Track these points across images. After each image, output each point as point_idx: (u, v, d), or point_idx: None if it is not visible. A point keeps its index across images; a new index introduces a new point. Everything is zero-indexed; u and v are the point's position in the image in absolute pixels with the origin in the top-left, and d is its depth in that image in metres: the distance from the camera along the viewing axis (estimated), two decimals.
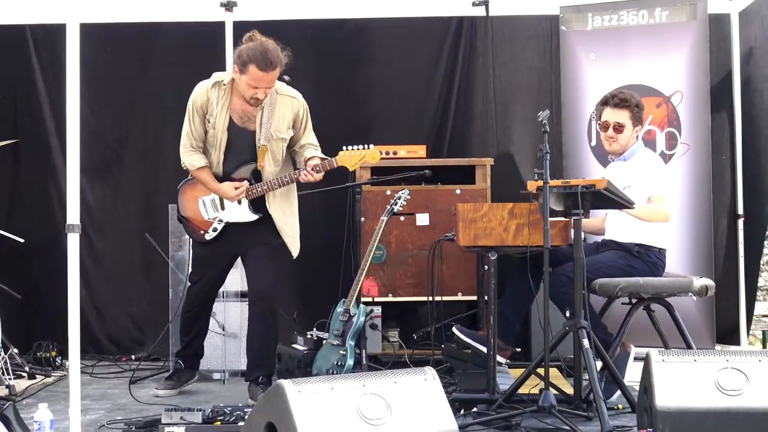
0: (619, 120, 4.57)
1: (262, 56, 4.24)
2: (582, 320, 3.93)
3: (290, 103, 4.49)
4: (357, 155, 4.46)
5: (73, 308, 3.43)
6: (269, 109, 4.41)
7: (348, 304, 4.76)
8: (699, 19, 5.58)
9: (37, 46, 6.06)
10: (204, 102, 4.46)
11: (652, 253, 4.47)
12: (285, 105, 4.47)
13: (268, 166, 4.47)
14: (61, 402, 4.13)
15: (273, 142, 4.45)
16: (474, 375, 4.37)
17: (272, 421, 2.83)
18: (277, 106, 4.44)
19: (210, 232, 4.60)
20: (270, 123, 4.41)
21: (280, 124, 4.46)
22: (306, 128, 4.56)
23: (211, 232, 4.59)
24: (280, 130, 4.46)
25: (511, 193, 4.50)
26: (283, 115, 4.46)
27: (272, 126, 4.42)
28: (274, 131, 4.44)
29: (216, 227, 4.58)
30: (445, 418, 2.98)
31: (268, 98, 4.40)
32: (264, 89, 4.32)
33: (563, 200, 3.98)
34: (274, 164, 4.49)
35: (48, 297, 5.98)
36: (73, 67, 3.46)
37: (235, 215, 4.55)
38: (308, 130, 4.58)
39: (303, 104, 4.54)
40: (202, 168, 4.51)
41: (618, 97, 4.58)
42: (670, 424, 3.24)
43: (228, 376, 5.20)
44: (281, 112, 4.46)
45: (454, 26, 6.09)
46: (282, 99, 4.47)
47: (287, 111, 4.48)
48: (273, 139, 4.45)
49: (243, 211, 4.53)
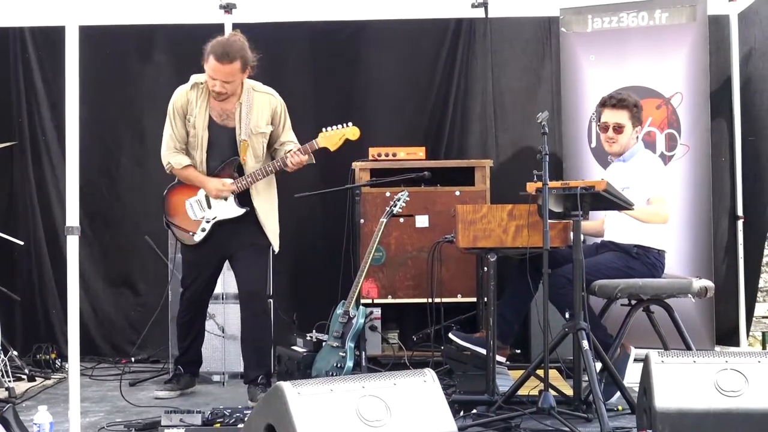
0: (618, 121, 4.57)
1: (222, 48, 4.34)
2: (581, 322, 3.93)
3: (267, 99, 4.59)
4: (337, 134, 4.55)
5: (72, 310, 3.43)
6: (247, 105, 4.51)
7: (347, 305, 4.76)
8: (699, 20, 5.58)
9: (37, 49, 6.06)
10: (184, 103, 4.56)
11: (651, 254, 4.47)
12: (262, 101, 4.57)
13: (249, 161, 4.55)
14: (60, 404, 4.14)
15: (253, 137, 4.54)
16: (473, 377, 4.37)
17: (272, 422, 2.83)
18: (254, 102, 4.54)
19: (199, 233, 4.63)
20: (249, 118, 4.51)
21: (259, 120, 4.55)
22: (285, 126, 4.65)
23: (199, 233, 4.62)
24: (260, 125, 4.55)
25: (510, 195, 4.50)
26: (260, 110, 4.55)
27: (251, 121, 4.52)
28: (253, 126, 4.53)
29: (204, 227, 4.61)
30: (444, 420, 2.98)
31: (245, 95, 4.50)
32: (221, 82, 4.38)
33: (562, 202, 3.99)
34: (255, 159, 4.57)
35: (47, 299, 5.98)
36: (73, 69, 3.46)
37: (223, 211, 4.59)
38: (287, 128, 4.66)
39: (280, 101, 4.63)
40: (187, 166, 4.58)
41: (616, 98, 4.59)
42: (670, 425, 3.23)
43: (227, 378, 5.19)
44: (259, 108, 4.55)
45: (452, 28, 6.09)
46: (259, 96, 4.57)
47: (264, 107, 4.57)
48: (253, 134, 4.54)
49: (230, 207, 4.58)
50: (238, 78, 4.43)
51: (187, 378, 4.88)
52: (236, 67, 4.38)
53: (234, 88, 4.46)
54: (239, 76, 4.43)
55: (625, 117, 4.56)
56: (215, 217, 4.60)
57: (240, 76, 4.43)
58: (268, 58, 6.04)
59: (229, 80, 4.41)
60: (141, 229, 5.85)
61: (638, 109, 4.60)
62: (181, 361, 4.89)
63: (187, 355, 4.88)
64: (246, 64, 4.41)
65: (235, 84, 4.45)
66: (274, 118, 4.60)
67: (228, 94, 4.46)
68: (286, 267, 5.87)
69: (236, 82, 4.44)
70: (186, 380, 4.87)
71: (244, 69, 4.42)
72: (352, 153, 5.64)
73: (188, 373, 4.89)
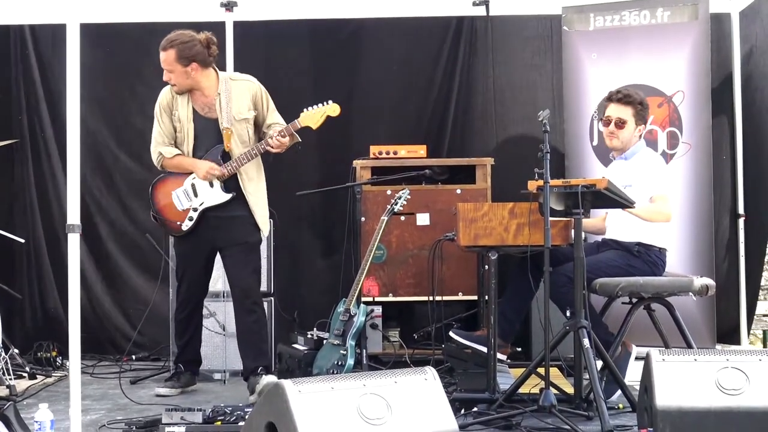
0: (622, 116, 4.56)
1: (165, 38, 4.60)
2: (582, 320, 3.93)
3: (245, 86, 4.69)
4: (318, 112, 4.62)
5: (73, 308, 3.43)
6: (226, 95, 4.63)
7: (348, 303, 4.76)
8: (701, 19, 5.57)
9: (36, 46, 6.07)
10: (169, 100, 4.70)
11: (652, 252, 4.47)
12: (240, 88, 4.68)
13: (235, 147, 4.62)
14: (61, 402, 4.14)
15: (236, 124, 4.63)
16: (474, 375, 4.37)
17: (272, 420, 2.83)
18: (233, 90, 4.65)
19: (186, 222, 4.67)
20: (229, 107, 4.62)
21: (240, 106, 4.65)
22: (268, 108, 4.73)
23: (187, 222, 4.67)
24: (241, 112, 4.64)
25: (511, 193, 4.50)
26: (240, 97, 4.66)
27: (232, 109, 4.62)
28: (235, 113, 4.63)
29: (192, 216, 4.66)
30: (445, 418, 2.98)
31: (223, 85, 4.64)
32: (165, 71, 4.59)
33: (564, 200, 3.98)
34: (242, 146, 4.64)
35: (48, 297, 5.99)
36: (74, 67, 3.46)
37: (210, 198, 4.64)
38: (271, 110, 4.74)
39: (259, 86, 4.73)
40: (177, 155, 4.70)
41: (622, 93, 4.59)
42: (671, 423, 3.23)
43: (228, 376, 5.19)
44: (238, 95, 4.66)
45: (454, 26, 6.09)
46: (236, 83, 4.70)
47: (243, 93, 4.67)
48: (236, 121, 4.63)
49: (216, 193, 4.63)
50: (176, 68, 4.56)
51: (188, 376, 4.89)
52: (171, 55, 4.54)
53: (179, 79, 4.58)
54: (177, 66, 4.56)
55: (629, 113, 4.56)
56: (202, 203, 4.64)
57: (178, 66, 4.56)
58: (269, 55, 6.11)
59: (168, 68, 4.57)
60: (141, 227, 5.86)
61: (643, 108, 4.59)
62: (181, 359, 4.91)
63: (186, 353, 4.90)
64: (183, 57, 4.54)
65: (178, 75, 4.57)
66: (256, 103, 4.69)
67: (175, 84, 4.61)
68: (287, 265, 5.87)
69: (177, 73, 4.57)
70: (186, 378, 4.88)
71: (183, 61, 4.55)
72: (353, 151, 5.66)
73: (188, 371, 4.90)
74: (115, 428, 3.94)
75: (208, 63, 4.63)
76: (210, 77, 4.65)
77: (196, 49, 4.56)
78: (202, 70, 4.60)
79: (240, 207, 4.64)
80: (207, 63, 4.62)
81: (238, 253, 4.65)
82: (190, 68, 4.56)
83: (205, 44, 4.59)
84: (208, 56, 4.61)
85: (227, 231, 4.65)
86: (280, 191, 5.20)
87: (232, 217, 4.64)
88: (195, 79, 4.60)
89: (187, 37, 4.58)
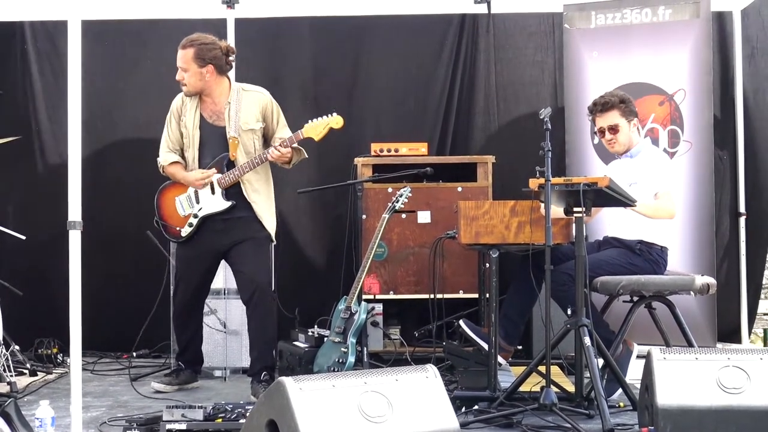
0: (611, 122, 4.57)
1: (186, 37, 4.64)
2: (583, 318, 3.93)
3: (256, 97, 4.70)
4: (321, 124, 4.62)
5: (74, 305, 3.43)
6: (236, 104, 4.64)
7: (349, 301, 4.76)
8: (702, 17, 5.56)
9: (36, 43, 6.06)
10: (179, 106, 4.75)
11: (653, 250, 4.47)
12: (250, 99, 4.69)
13: (240, 157, 4.63)
14: (62, 399, 4.15)
15: (243, 134, 4.63)
16: (475, 373, 4.37)
17: (273, 418, 2.83)
18: (243, 100, 4.66)
19: (186, 228, 4.70)
20: (238, 116, 4.63)
21: (248, 117, 4.65)
22: (279, 122, 4.74)
23: (186, 228, 4.70)
24: (248, 122, 4.65)
25: (512, 191, 4.50)
26: (249, 108, 4.66)
27: (240, 119, 4.63)
28: (242, 123, 4.63)
29: (192, 222, 4.69)
30: (446, 416, 2.98)
31: (234, 95, 4.64)
32: (179, 69, 4.61)
33: (565, 198, 3.98)
34: (246, 156, 4.64)
35: (49, 294, 5.98)
36: (75, 63, 3.46)
37: (210, 206, 4.66)
38: (281, 124, 4.75)
39: (270, 98, 4.74)
40: (173, 163, 4.74)
41: (599, 104, 4.59)
42: (672, 422, 3.24)
43: (229, 373, 5.20)
44: (247, 105, 4.66)
45: (456, 23, 6.08)
46: (248, 94, 4.70)
47: (253, 104, 4.67)
48: (243, 131, 4.63)
49: (217, 201, 4.65)
50: (191, 68, 4.58)
51: (188, 374, 4.89)
52: (189, 54, 4.56)
53: (191, 79, 4.60)
54: (193, 65, 4.57)
55: (616, 116, 4.56)
56: (201, 209, 4.67)
57: (194, 66, 4.57)
58: (270, 52, 6.10)
59: (183, 66, 4.59)
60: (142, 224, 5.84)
61: (626, 103, 4.58)
62: (182, 358, 4.92)
63: (186, 353, 4.91)
64: (201, 57, 4.56)
65: (192, 75, 4.59)
66: (265, 115, 4.69)
67: (187, 85, 4.62)
68: (288, 262, 5.86)
69: (191, 72, 4.59)
70: (186, 376, 4.87)
71: (199, 61, 4.57)
72: (354, 149, 5.66)
73: (189, 369, 4.90)
74: (115, 425, 3.94)
75: (223, 70, 4.65)
76: (222, 85, 4.66)
77: (215, 53, 4.59)
78: (217, 75, 4.62)
79: (244, 210, 4.65)
80: (223, 70, 4.65)
81: (244, 248, 4.64)
82: (205, 70, 4.58)
83: (225, 51, 4.63)
84: (225, 63, 4.64)
85: (232, 231, 4.64)
86: (281, 188, 5.19)
87: (237, 218, 4.65)
88: (207, 83, 4.61)
89: (209, 40, 4.61)
